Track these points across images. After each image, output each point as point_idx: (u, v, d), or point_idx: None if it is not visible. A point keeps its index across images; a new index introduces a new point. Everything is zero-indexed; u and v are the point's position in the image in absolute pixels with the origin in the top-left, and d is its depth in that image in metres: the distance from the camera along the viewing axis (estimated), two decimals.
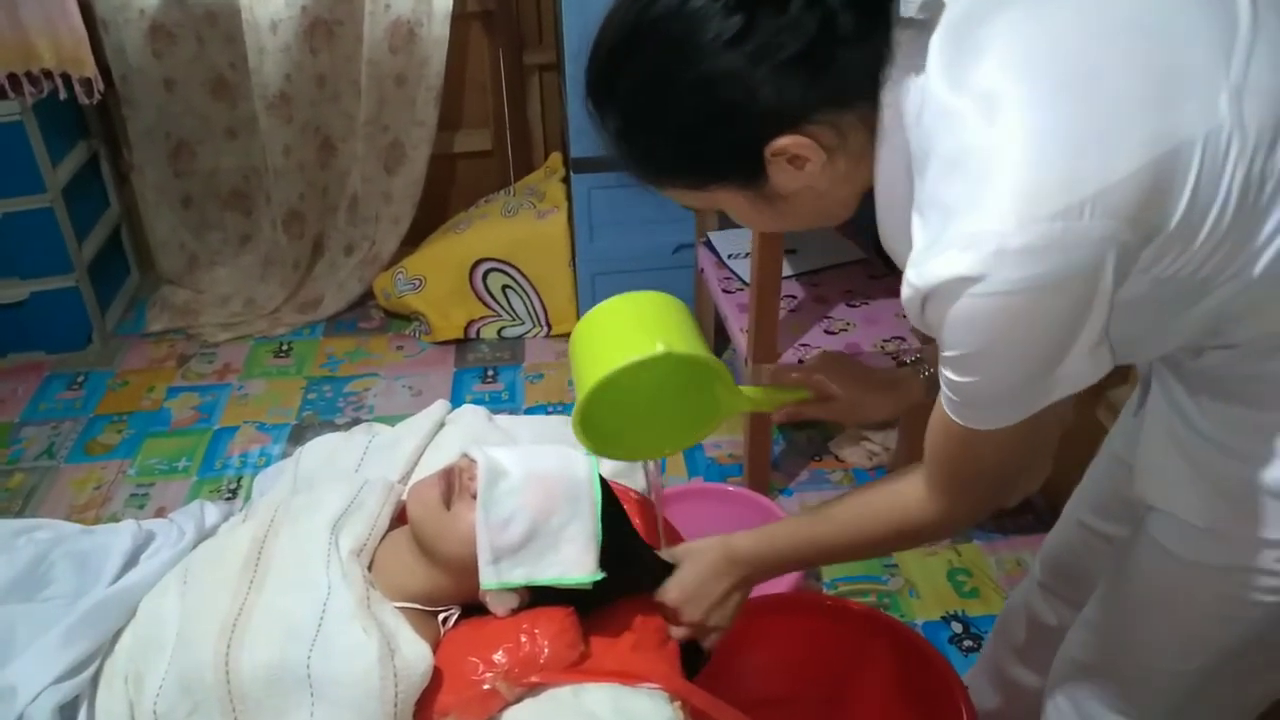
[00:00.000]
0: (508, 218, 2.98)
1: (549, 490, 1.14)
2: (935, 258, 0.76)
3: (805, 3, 0.78)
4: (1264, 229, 0.78)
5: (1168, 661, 1.05)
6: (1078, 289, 0.75)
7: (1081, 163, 0.73)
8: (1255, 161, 0.76)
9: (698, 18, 0.80)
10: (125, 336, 3.04)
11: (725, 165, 0.87)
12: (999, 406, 0.84)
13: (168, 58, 2.91)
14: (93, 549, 1.27)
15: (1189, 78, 0.75)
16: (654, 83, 0.84)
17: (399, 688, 1.04)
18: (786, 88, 0.81)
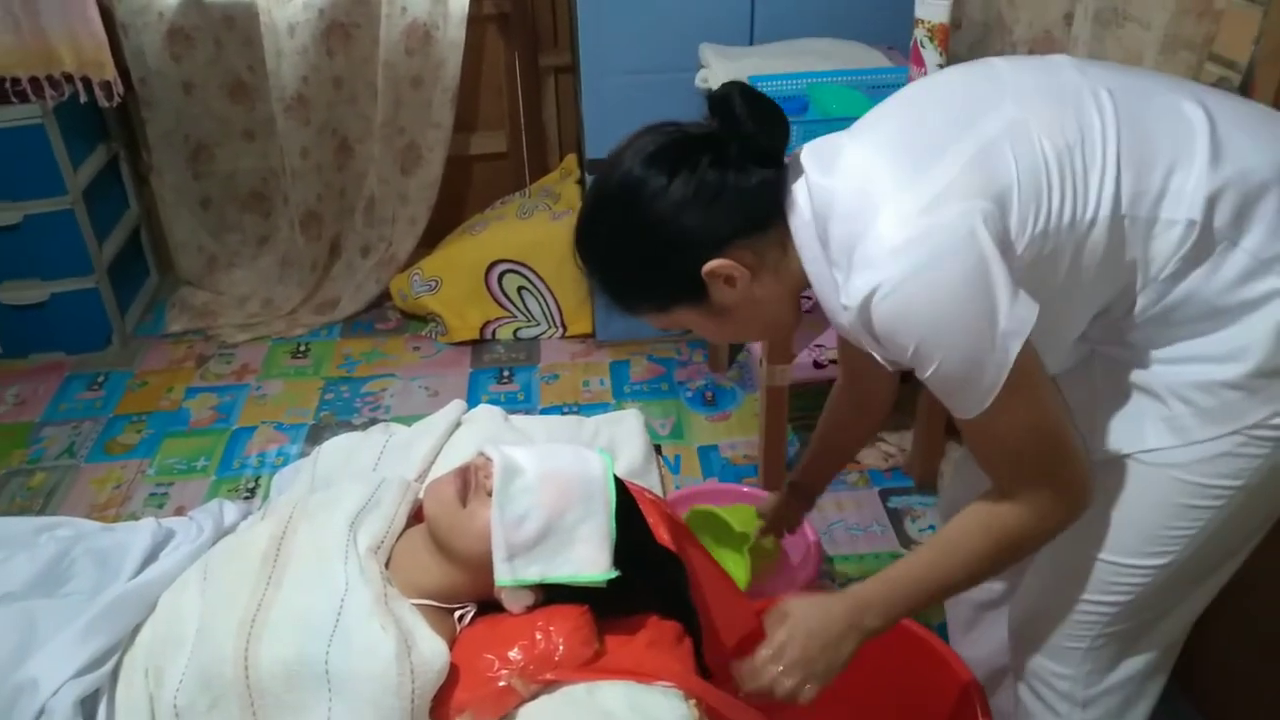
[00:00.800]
0: (523, 219, 2.99)
1: (564, 488, 1.15)
2: (850, 285, 1.00)
3: (709, 162, 1.05)
4: (1092, 180, 0.99)
5: (1137, 561, 1.12)
6: (962, 255, 0.95)
7: (923, 177, 0.98)
8: (1056, 136, 0.99)
9: (637, 181, 1.06)
10: (145, 337, 3.07)
11: (676, 288, 1.11)
12: (979, 378, 0.98)
13: (186, 61, 2.94)
14: (113, 546, 1.29)
15: (979, 106, 1.03)
16: (614, 233, 1.11)
17: (416, 684, 1.05)
18: (707, 222, 1.06)
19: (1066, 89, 1.03)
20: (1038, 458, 1.04)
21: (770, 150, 1.08)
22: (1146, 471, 1.09)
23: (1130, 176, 1.00)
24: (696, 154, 1.05)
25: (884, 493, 2.36)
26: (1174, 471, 1.08)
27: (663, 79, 2.52)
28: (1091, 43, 1.69)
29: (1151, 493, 1.10)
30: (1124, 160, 1.00)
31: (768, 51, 2.33)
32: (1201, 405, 1.04)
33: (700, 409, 2.70)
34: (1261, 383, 1.02)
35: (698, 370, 2.85)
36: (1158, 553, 1.11)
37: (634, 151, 1.08)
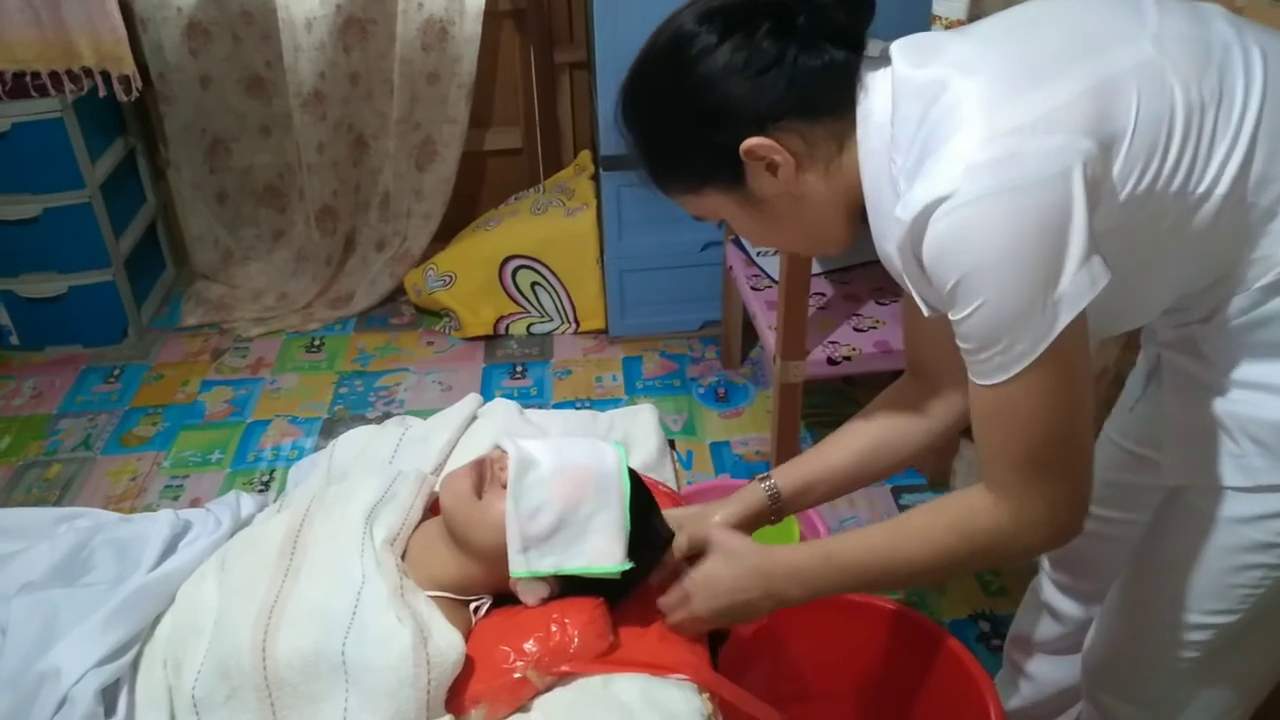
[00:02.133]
0: (537, 215, 2.99)
1: (578, 481, 1.16)
2: (915, 191, 0.87)
3: (769, 29, 0.92)
4: (1219, 149, 0.88)
5: (1203, 619, 1.05)
6: (1046, 195, 0.83)
7: (1029, 95, 0.86)
8: (1191, 90, 0.88)
9: (686, 37, 0.95)
10: (160, 330, 3.09)
11: (709, 165, 0.98)
12: (1017, 337, 0.85)
13: (204, 56, 2.95)
14: (132, 537, 1.30)
15: (1112, 34, 0.90)
16: (655, 94, 0.99)
17: (432, 675, 1.06)
18: (754, 95, 0.93)
19: (1214, 42, 0.90)
20: (1045, 454, 0.91)
21: (847, 28, 0.94)
22: (1211, 524, 1.00)
23: (1263, 156, 0.88)
24: (759, 18, 0.93)
25: (896, 490, 2.36)
26: (1241, 527, 0.98)
27: None
28: None
29: (1216, 544, 1.01)
30: (1261, 135, 0.88)
31: None
32: (1274, 447, 0.94)
33: (713, 405, 2.70)
34: None
35: (710, 366, 2.85)
36: (1223, 610, 1.03)
37: (694, 4, 0.97)
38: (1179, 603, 1.07)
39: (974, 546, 0.98)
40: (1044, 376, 0.87)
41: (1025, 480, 0.93)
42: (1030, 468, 0.92)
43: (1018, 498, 0.94)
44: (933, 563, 1.02)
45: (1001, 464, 0.94)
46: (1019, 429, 0.91)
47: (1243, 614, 1.03)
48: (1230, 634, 1.06)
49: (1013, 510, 0.95)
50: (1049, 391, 0.88)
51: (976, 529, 0.97)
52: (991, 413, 0.92)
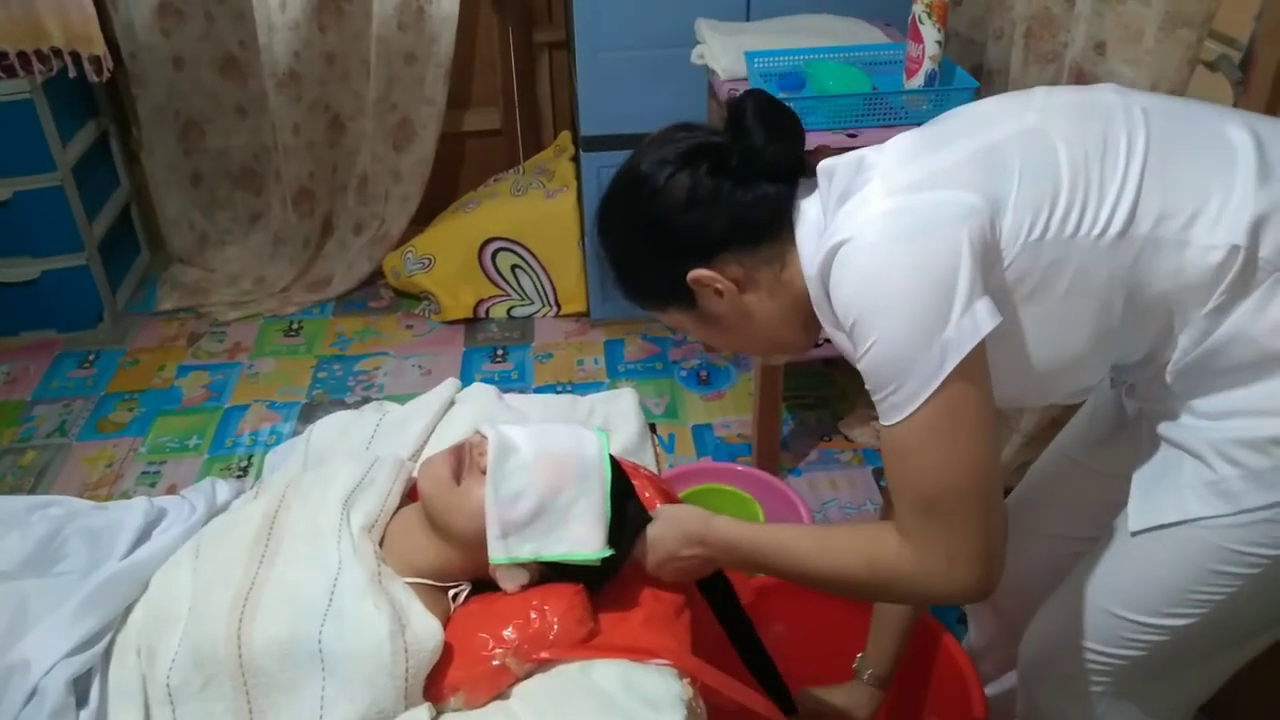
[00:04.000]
0: (517, 197, 2.97)
1: (559, 467, 1.15)
2: (824, 238, 0.98)
3: (708, 170, 1.04)
4: (1109, 193, 0.93)
5: (1158, 620, 1.04)
6: (933, 242, 0.91)
7: (923, 159, 0.98)
8: (1074, 145, 0.95)
9: (642, 177, 1.07)
10: (136, 315, 3.05)
11: (666, 291, 1.11)
12: (906, 377, 0.91)
13: (177, 35, 2.91)
14: (105, 525, 1.28)
15: (1000, 114, 1.02)
16: (618, 225, 1.12)
17: (409, 663, 1.05)
18: (697, 229, 1.05)
19: (1098, 105, 0.99)
20: (939, 500, 0.93)
21: (776, 163, 1.04)
22: (1179, 533, 1.00)
23: (1155, 195, 0.93)
24: (700, 160, 1.04)
25: (877, 472, 2.36)
26: (1210, 535, 0.98)
27: (658, 55, 2.50)
28: (1091, 19, 1.68)
29: (1182, 554, 1.00)
30: (1149, 177, 0.93)
31: (765, 28, 2.31)
32: (1251, 466, 0.94)
33: (695, 388, 2.69)
34: None
35: (692, 349, 2.84)
36: (1177, 614, 1.03)
37: (650, 147, 1.09)
38: (1134, 605, 1.06)
39: (876, 578, 1.02)
40: (935, 420, 0.91)
41: (921, 527, 0.96)
42: (925, 515, 0.95)
43: (916, 544, 0.97)
44: (840, 581, 1.07)
45: (902, 506, 0.97)
46: (914, 473, 0.94)
47: (1196, 617, 1.02)
48: (1180, 637, 1.05)
49: (913, 555, 0.97)
50: (941, 436, 0.91)
51: (880, 562, 1.00)
52: (890, 454, 0.97)
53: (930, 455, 0.92)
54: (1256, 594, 0.99)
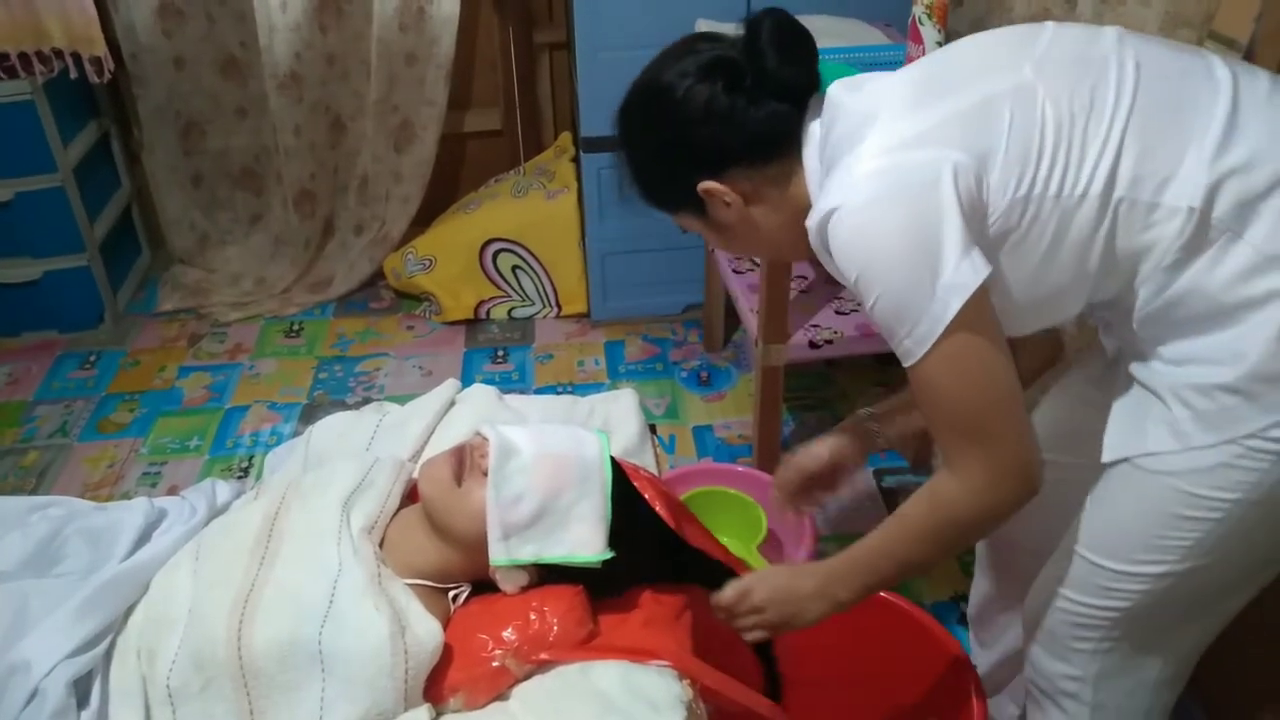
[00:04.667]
0: (518, 198, 2.97)
1: (560, 469, 1.15)
2: (819, 202, 1.04)
3: (724, 86, 1.07)
4: (1089, 154, 0.98)
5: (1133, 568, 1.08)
6: (919, 200, 0.96)
7: (914, 116, 1.01)
8: (1061, 105, 0.98)
9: (662, 88, 1.11)
10: (137, 315, 3.05)
11: (678, 197, 1.16)
12: (915, 323, 0.98)
13: (178, 36, 2.91)
14: (106, 525, 1.28)
15: (1000, 61, 1.04)
16: (636, 130, 1.17)
17: (409, 664, 1.05)
18: (709, 143, 1.10)
19: (1093, 58, 1.01)
20: (970, 422, 1.01)
21: (788, 83, 1.08)
22: (1144, 478, 1.05)
23: (1133, 157, 0.97)
24: (715, 75, 1.08)
25: (878, 472, 2.36)
26: (1171, 480, 1.02)
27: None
28: (1092, 20, 1.68)
29: (1148, 500, 1.05)
30: (1129, 139, 0.97)
31: None
32: (1199, 409, 0.99)
33: (695, 389, 2.69)
34: (1260, 388, 0.96)
35: (693, 350, 2.84)
36: (1151, 561, 1.06)
37: (673, 56, 1.13)
38: (1109, 553, 1.10)
39: (950, 517, 1.07)
40: (951, 355, 0.98)
41: (961, 450, 1.03)
42: (962, 438, 1.03)
43: (962, 467, 1.04)
44: (926, 542, 1.10)
45: (941, 437, 1.05)
46: (942, 404, 1.02)
47: (1169, 565, 1.05)
48: (1159, 588, 1.07)
49: (960, 479, 1.04)
50: (956, 370, 0.99)
51: (940, 503, 1.07)
52: (919, 391, 1.04)
53: (950, 388, 1.00)
54: (1223, 540, 1.02)
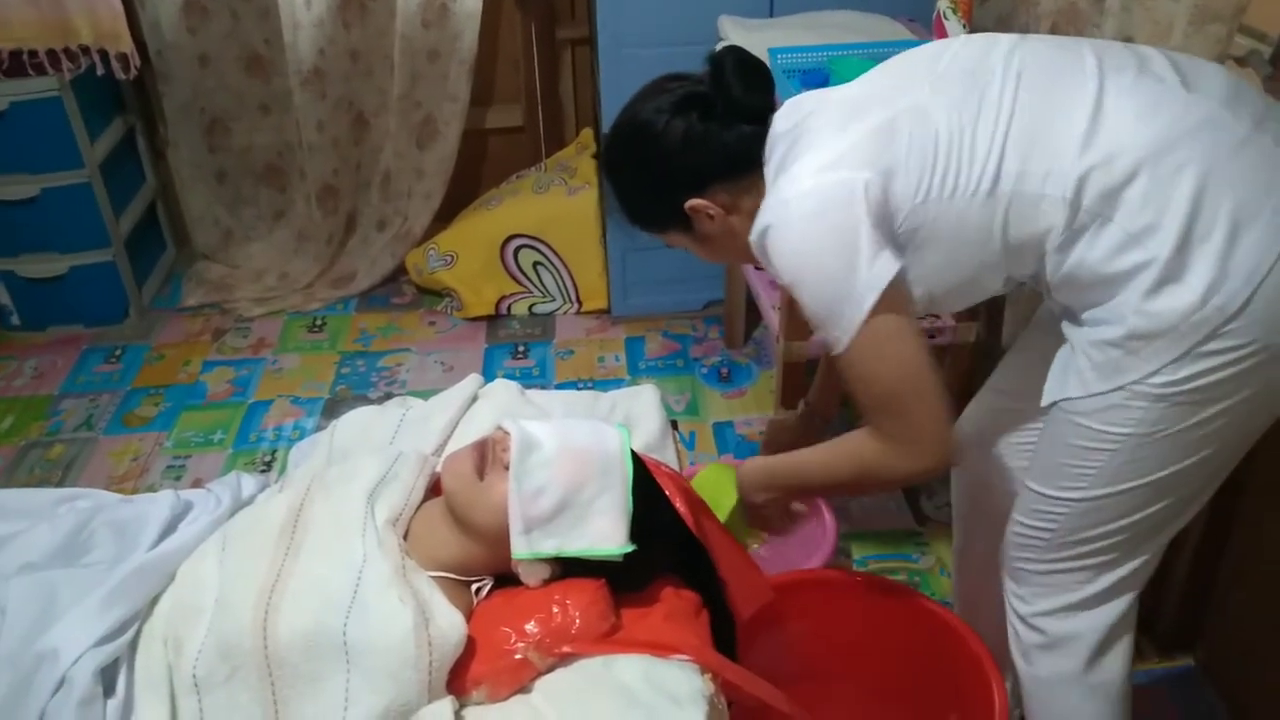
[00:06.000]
0: (539, 194, 2.98)
1: (581, 462, 1.15)
2: (758, 219, 1.21)
3: (699, 116, 1.24)
4: (977, 160, 1.14)
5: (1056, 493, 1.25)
6: (833, 216, 1.14)
7: (837, 136, 1.18)
8: (953, 118, 1.14)
9: (644, 124, 1.27)
10: (161, 310, 3.08)
11: (668, 217, 1.32)
12: (839, 318, 1.16)
13: (202, 33, 2.93)
14: (132, 517, 1.29)
15: (910, 79, 1.22)
16: (623, 163, 1.34)
17: (433, 656, 1.05)
18: (691, 166, 1.26)
19: (982, 70, 1.16)
20: (889, 399, 1.20)
21: (753, 109, 1.25)
22: (1064, 418, 1.21)
23: (1016, 157, 1.12)
24: (690, 108, 1.24)
25: None
26: (1079, 419, 1.19)
27: (681, 52, 2.46)
28: (1120, 14, 1.66)
29: (1064, 436, 1.22)
30: (1011, 141, 1.12)
31: (788, 24, 2.31)
32: (1097, 361, 1.15)
33: (715, 385, 2.69)
34: (1137, 344, 1.11)
35: (713, 347, 2.84)
36: (1066, 486, 1.23)
37: (648, 95, 1.29)
38: (1037, 478, 1.28)
39: (866, 470, 1.28)
40: (870, 342, 1.16)
41: (880, 421, 1.23)
42: (882, 411, 1.22)
43: (883, 434, 1.23)
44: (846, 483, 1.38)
45: (865, 410, 1.24)
46: (865, 383, 1.20)
47: (1081, 490, 1.22)
48: (1077, 511, 1.23)
49: (880, 443, 1.24)
50: (878, 353, 1.17)
51: (865, 458, 1.27)
52: (847, 375, 1.22)
53: (871, 369, 1.19)
54: (1121, 469, 1.18)
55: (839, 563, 2.07)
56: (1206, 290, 1.07)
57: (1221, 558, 1.75)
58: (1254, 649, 1.71)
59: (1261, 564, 1.67)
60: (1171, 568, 1.80)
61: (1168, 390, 1.12)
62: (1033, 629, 1.34)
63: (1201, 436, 1.15)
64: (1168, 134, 1.09)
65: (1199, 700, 1.79)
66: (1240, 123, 1.10)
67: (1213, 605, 1.80)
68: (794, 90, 1.92)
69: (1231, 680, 1.77)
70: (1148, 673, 1.84)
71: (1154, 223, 1.08)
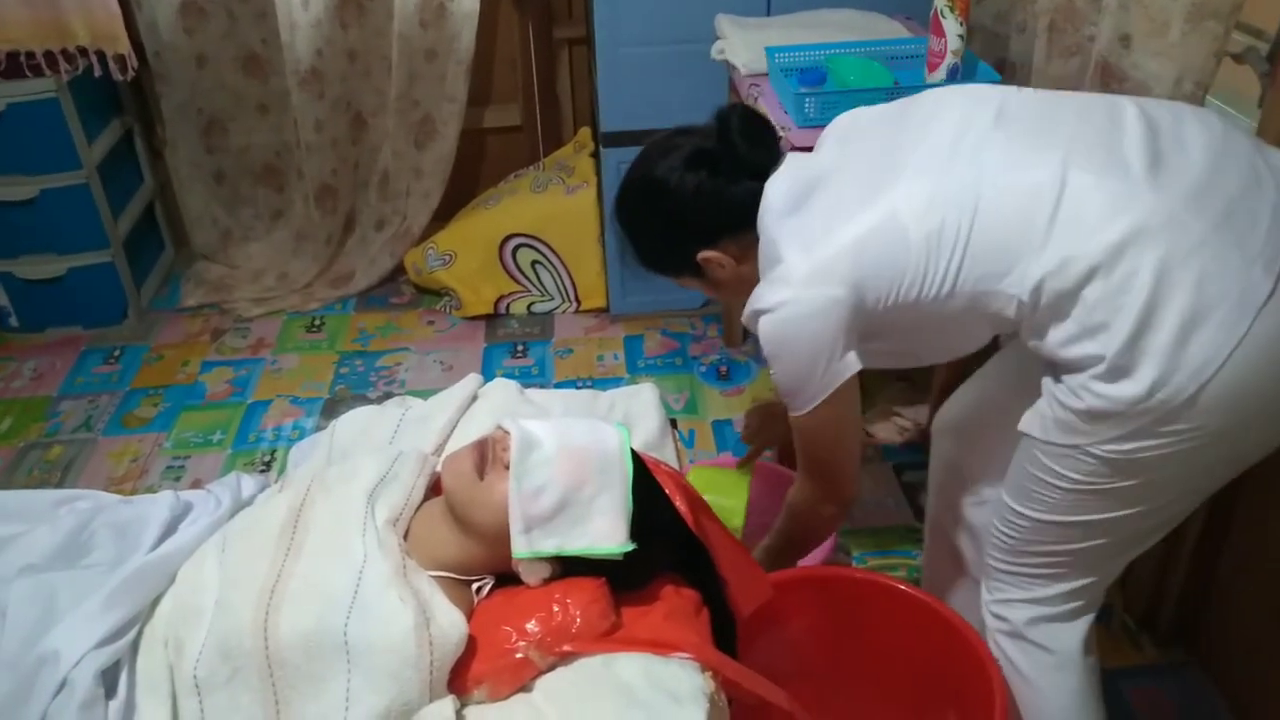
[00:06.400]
0: (537, 193, 2.98)
1: (581, 461, 1.15)
2: (753, 296, 1.32)
3: (709, 173, 1.35)
4: (939, 269, 1.23)
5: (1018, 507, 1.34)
6: (812, 325, 1.27)
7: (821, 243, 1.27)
8: (923, 227, 1.22)
9: (657, 180, 1.38)
10: (160, 311, 3.08)
11: (682, 267, 1.44)
12: (801, 395, 1.33)
13: (200, 34, 2.93)
14: (132, 518, 1.29)
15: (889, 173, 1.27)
16: (637, 217, 1.45)
17: (434, 656, 1.05)
18: (702, 221, 1.38)
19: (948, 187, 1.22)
20: (823, 458, 1.42)
21: (756, 164, 1.35)
22: (1031, 446, 1.29)
23: (976, 264, 1.21)
24: (700, 165, 1.35)
25: (898, 467, 2.35)
26: (1037, 452, 1.28)
27: (678, 50, 2.50)
28: (1118, 12, 1.66)
29: (1026, 459, 1.30)
30: (973, 247, 1.20)
31: (785, 22, 2.31)
32: (1058, 415, 1.23)
33: (714, 383, 2.69)
34: (1091, 418, 1.19)
35: (712, 345, 2.84)
36: (1027, 504, 1.32)
37: (658, 152, 1.39)
38: (1007, 491, 1.36)
39: (793, 514, 1.53)
40: (821, 419, 1.35)
41: (813, 475, 1.46)
42: (816, 466, 1.45)
43: (810, 486, 1.47)
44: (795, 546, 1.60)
45: (802, 460, 1.46)
46: (808, 444, 1.42)
47: (1038, 512, 1.31)
48: (1034, 528, 1.33)
49: (807, 492, 1.48)
50: (823, 426, 1.37)
51: (795, 508, 1.52)
52: (796, 434, 1.42)
53: (815, 436, 1.40)
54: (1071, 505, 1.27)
55: (838, 560, 2.07)
56: (1152, 385, 1.14)
57: (1221, 555, 1.75)
58: (1254, 645, 1.71)
59: (1262, 560, 1.67)
60: (1171, 565, 1.81)
61: (1115, 456, 1.20)
62: (996, 617, 1.44)
63: (1145, 495, 1.25)
64: (1124, 238, 1.13)
65: (1198, 696, 1.79)
66: (1200, 222, 1.12)
67: (1213, 602, 1.80)
68: (793, 88, 1.92)
69: (1231, 676, 1.77)
70: (1147, 668, 1.84)
71: (1106, 321, 1.15)
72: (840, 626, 1.59)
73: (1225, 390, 1.13)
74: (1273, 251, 1.12)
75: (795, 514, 1.52)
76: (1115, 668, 1.79)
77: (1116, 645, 1.87)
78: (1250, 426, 1.19)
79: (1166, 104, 1.28)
